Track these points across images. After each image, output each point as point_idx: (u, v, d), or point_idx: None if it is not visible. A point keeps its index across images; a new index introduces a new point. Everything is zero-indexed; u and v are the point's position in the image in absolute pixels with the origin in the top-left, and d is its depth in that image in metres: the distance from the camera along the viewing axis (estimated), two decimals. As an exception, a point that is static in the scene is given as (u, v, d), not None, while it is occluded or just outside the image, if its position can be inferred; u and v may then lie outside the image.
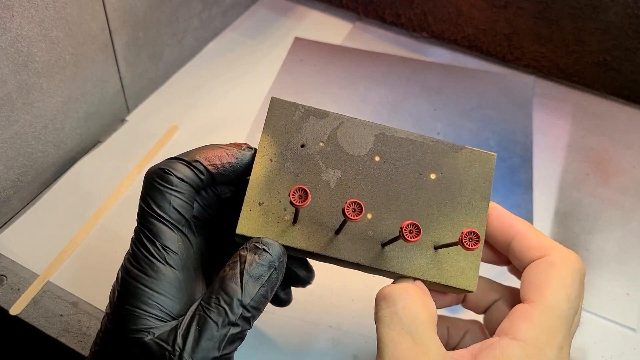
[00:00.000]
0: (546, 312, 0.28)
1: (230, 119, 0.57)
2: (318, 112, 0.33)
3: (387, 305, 0.28)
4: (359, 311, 0.43)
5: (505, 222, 0.32)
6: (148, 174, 0.30)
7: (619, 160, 0.57)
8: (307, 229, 0.31)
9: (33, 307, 0.42)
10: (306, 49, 0.66)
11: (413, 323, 0.27)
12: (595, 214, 0.52)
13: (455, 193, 0.32)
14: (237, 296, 0.27)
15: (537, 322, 0.28)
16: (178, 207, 0.29)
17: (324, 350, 0.41)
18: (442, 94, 0.62)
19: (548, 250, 0.30)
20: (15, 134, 0.44)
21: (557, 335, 0.27)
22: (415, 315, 0.28)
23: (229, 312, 0.27)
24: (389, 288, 0.29)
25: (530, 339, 0.27)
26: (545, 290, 0.28)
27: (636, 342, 0.44)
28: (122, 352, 0.27)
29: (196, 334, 0.26)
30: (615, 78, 0.62)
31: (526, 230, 0.31)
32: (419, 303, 0.28)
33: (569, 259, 0.29)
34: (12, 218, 0.47)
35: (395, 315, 0.28)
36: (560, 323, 0.28)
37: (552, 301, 0.28)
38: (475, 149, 0.33)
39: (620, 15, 0.57)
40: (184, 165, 0.30)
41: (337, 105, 0.59)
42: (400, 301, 0.28)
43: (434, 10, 0.66)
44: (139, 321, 0.27)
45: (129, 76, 0.54)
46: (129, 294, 0.28)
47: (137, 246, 0.29)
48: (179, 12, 0.57)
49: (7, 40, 0.39)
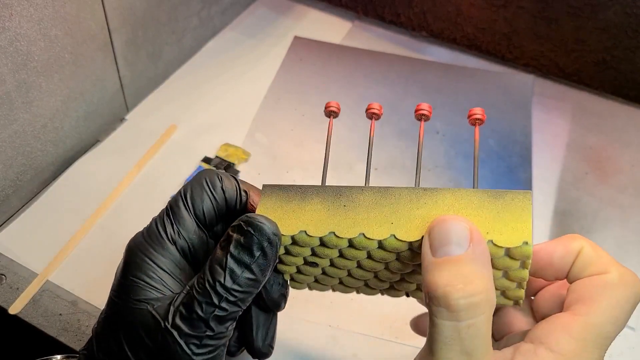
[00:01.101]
0: (589, 328, 0.26)
1: (230, 118, 0.57)
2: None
3: (450, 316, 0.24)
4: (358, 310, 0.43)
5: (566, 239, 0.29)
6: (203, 171, 0.32)
7: (618, 159, 0.57)
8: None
9: (32, 306, 0.42)
10: (305, 48, 0.66)
11: (475, 348, 0.24)
12: (594, 213, 0.52)
13: None
14: (220, 279, 0.27)
15: (577, 336, 0.26)
16: (206, 209, 0.31)
17: (323, 349, 0.41)
18: (442, 93, 0.62)
19: (607, 267, 0.28)
20: (15, 133, 0.44)
21: (594, 353, 0.26)
22: (480, 336, 0.24)
23: (213, 295, 0.27)
24: (452, 289, 0.24)
25: (567, 352, 0.25)
26: (594, 307, 0.26)
27: (635, 342, 0.44)
28: (122, 320, 0.28)
29: (185, 310, 0.27)
30: (615, 77, 0.62)
31: (586, 247, 0.29)
32: (487, 324, 0.25)
33: (628, 281, 0.27)
34: (11, 217, 0.47)
35: (458, 336, 0.24)
36: (600, 343, 0.26)
37: (598, 320, 0.26)
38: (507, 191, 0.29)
39: (620, 14, 0.57)
40: (234, 185, 0.32)
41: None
42: (465, 317, 0.24)
43: (433, 9, 0.66)
44: (141, 292, 0.28)
45: (128, 75, 0.54)
46: (135, 266, 0.29)
47: (156, 222, 0.30)
48: (178, 11, 0.57)
49: (6, 39, 0.39)
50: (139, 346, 0.28)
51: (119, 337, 0.28)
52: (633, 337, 0.44)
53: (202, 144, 0.54)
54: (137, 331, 0.28)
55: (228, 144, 0.54)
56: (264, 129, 0.56)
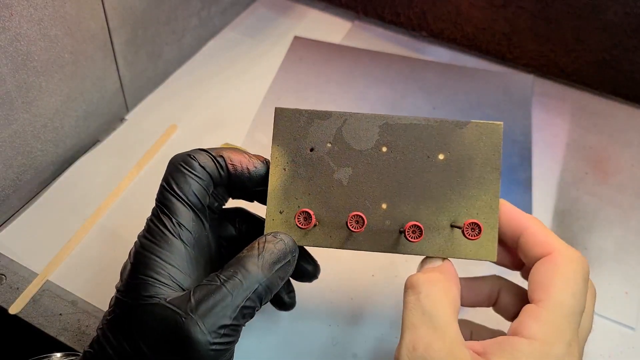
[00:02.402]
0: (553, 310, 0.29)
1: (230, 118, 0.57)
2: (321, 113, 0.33)
3: (412, 292, 0.30)
4: (358, 309, 0.43)
5: (514, 218, 0.32)
6: (173, 158, 0.32)
7: (617, 159, 0.57)
8: (327, 228, 0.32)
9: (32, 306, 0.42)
10: (305, 47, 0.66)
11: (433, 310, 0.29)
12: (594, 213, 0.52)
13: (465, 169, 0.33)
14: (254, 271, 0.29)
15: (545, 320, 0.29)
16: (196, 191, 0.31)
17: (323, 348, 0.41)
18: (441, 92, 0.62)
19: (552, 248, 0.31)
20: (14, 133, 0.44)
21: (565, 332, 0.28)
22: (437, 302, 0.29)
23: (245, 285, 0.28)
24: (415, 277, 0.31)
25: (539, 336, 0.28)
26: (550, 290, 0.29)
27: (635, 341, 0.44)
28: (134, 317, 0.28)
29: (210, 301, 0.28)
30: (615, 77, 0.62)
31: (534, 226, 0.32)
32: (442, 291, 0.30)
33: (572, 258, 0.30)
34: (11, 217, 0.47)
35: (418, 302, 0.29)
36: (567, 320, 0.29)
37: (558, 299, 0.29)
38: (481, 121, 0.33)
39: (620, 14, 0.57)
40: (208, 156, 0.32)
41: (336, 104, 0.59)
42: (423, 289, 0.30)
43: (433, 9, 0.66)
44: (151, 289, 0.29)
45: (128, 75, 0.54)
46: (142, 264, 0.29)
47: (153, 222, 0.31)
48: (178, 10, 0.57)
49: (6, 39, 0.39)
50: (154, 340, 0.28)
51: (132, 333, 0.28)
52: (633, 337, 0.44)
53: (202, 143, 0.54)
54: (151, 325, 0.28)
55: (228, 144, 0.54)
56: (264, 129, 0.56)
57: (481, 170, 0.33)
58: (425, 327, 0.28)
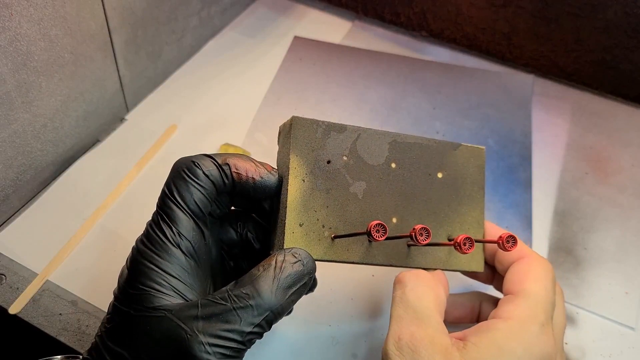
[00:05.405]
0: (527, 297, 0.32)
1: (230, 118, 0.57)
2: (337, 126, 0.34)
3: (400, 287, 0.33)
4: (358, 310, 0.43)
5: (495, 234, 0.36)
6: (178, 163, 0.31)
7: (617, 159, 0.57)
8: (345, 241, 0.32)
9: (32, 306, 0.42)
10: (305, 47, 0.66)
11: (417, 302, 0.31)
12: (594, 213, 0.52)
13: (459, 188, 0.35)
14: (267, 297, 0.28)
15: (520, 303, 0.32)
16: (198, 200, 0.30)
17: (323, 348, 0.41)
18: (441, 92, 0.62)
19: (525, 254, 0.35)
20: (14, 133, 0.44)
21: (538, 315, 0.31)
22: (421, 296, 0.32)
23: (256, 312, 0.28)
24: (403, 274, 0.34)
25: (515, 316, 0.31)
26: (524, 283, 0.33)
27: (635, 341, 0.44)
28: (137, 328, 0.28)
29: (218, 323, 0.27)
30: (614, 77, 0.62)
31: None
32: (426, 287, 0.32)
33: (541, 261, 0.35)
34: (11, 217, 0.47)
35: (404, 296, 0.32)
36: (541, 306, 0.32)
37: (532, 289, 0.33)
38: (469, 145, 0.36)
39: (619, 14, 0.57)
40: (213, 164, 0.31)
41: (337, 104, 0.59)
42: (409, 284, 0.32)
43: (433, 9, 0.66)
44: (154, 300, 0.28)
45: (128, 75, 0.54)
46: (142, 273, 0.28)
47: (152, 228, 0.30)
48: (178, 10, 0.57)
49: (6, 39, 0.39)
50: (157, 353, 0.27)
51: (133, 344, 0.27)
52: (633, 337, 0.44)
53: (202, 143, 0.54)
54: (155, 337, 0.27)
55: (228, 144, 0.54)
56: (264, 129, 0.56)
57: (471, 189, 0.36)
58: (409, 318, 0.31)
